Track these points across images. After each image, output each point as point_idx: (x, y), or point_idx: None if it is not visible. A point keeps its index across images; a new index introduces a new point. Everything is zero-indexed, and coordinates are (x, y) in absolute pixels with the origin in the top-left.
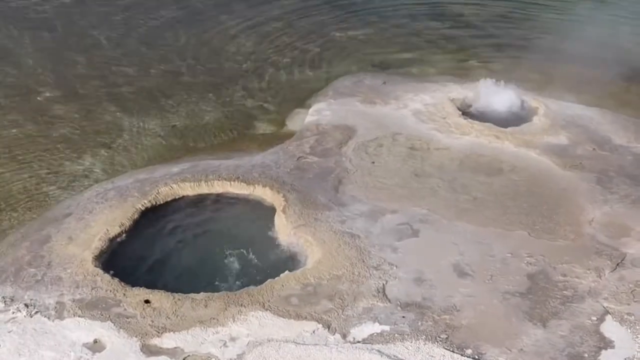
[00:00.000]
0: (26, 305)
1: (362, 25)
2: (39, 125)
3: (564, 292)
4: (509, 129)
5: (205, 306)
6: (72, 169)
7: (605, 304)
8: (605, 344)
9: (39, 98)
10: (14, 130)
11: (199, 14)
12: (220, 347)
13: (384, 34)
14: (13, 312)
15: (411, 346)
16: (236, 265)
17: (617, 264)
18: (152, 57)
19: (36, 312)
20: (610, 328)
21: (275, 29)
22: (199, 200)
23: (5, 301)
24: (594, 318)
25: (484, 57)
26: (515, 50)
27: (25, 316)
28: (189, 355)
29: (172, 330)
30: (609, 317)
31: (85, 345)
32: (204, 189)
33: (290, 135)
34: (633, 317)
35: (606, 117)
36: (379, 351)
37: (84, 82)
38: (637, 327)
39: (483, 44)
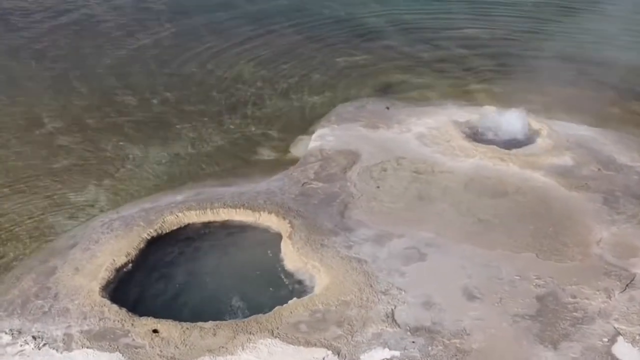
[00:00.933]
0: (34, 338)
1: (363, 50)
2: (43, 156)
3: (574, 313)
4: (513, 151)
5: (214, 335)
6: (76, 199)
7: (616, 325)
8: None
9: (44, 128)
10: (19, 163)
11: (197, 41)
12: None
13: (384, 58)
14: (21, 345)
15: None
16: (243, 292)
17: (627, 285)
18: (153, 86)
19: (44, 344)
20: (622, 349)
21: (274, 55)
22: (205, 228)
23: (12, 334)
24: (605, 339)
25: (485, 79)
26: (517, 72)
27: (33, 348)
28: None
29: None
30: (620, 339)
31: None
32: (209, 216)
33: (294, 161)
34: None
35: (609, 137)
36: None
37: (87, 112)
38: None
39: (484, 66)
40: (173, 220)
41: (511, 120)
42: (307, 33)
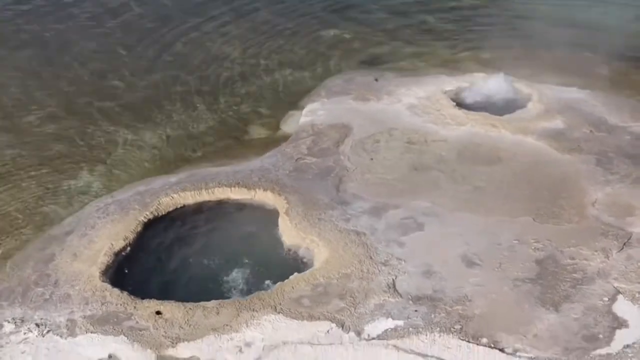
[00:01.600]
0: (37, 325)
1: (347, 23)
2: (33, 144)
3: (574, 274)
4: (505, 117)
5: (218, 313)
6: (70, 186)
7: (616, 284)
8: (619, 323)
9: (32, 116)
10: (8, 152)
11: (181, 22)
12: (236, 354)
13: (370, 30)
14: (25, 333)
15: (426, 339)
16: (243, 270)
17: (624, 244)
18: (139, 69)
19: (48, 331)
20: (622, 308)
21: (258, 32)
22: (201, 209)
23: (15, 322)
24: (606, 299)
25: (472, 47)
26: (505, 38)
27: (37, 336)
28: None
29: (186, 340)
30: (620, 297)
31: None
32: (204, 196)
33: (286, 137)
34: None
35: (599, 99)
36: (395, 346)
37: (73, 98)
38: None
39: (471, 33)
40: (168, 201)
41: (495, 85)
42: (289, 8)
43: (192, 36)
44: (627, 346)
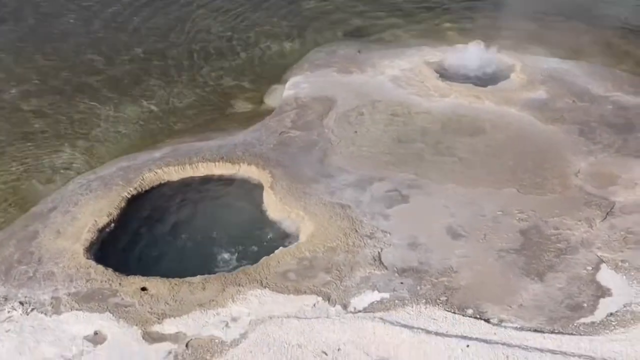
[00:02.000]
0: (21, 303)
1: None
2: (13, 121)
3: (558, 244)
4: (488, 88)
5: (203, 289)
6: (51, 162)
7: (599, 253)
8: (603, 292)
9: (11, 92)
10: None
11: None
12: (223, 329)
13: (352, 1)
14: (8, 311)
15: (412, 311)
16: (229, 245)
17: (607, 213)
18: (119, 44)
19: (32, 309)
20: (606, 276)
21: (239, 4)
22: (186, 184)
23: None
24: (590, 268)
25: (455, 17)
26: (487, 8)
27: (21, 314)
28: (191, 339)
29: (172, 316)
30: (604, 266)
31: (86, 338)
32: (188, 172)
33: (269, 111)
34: (627, 263)
35: (582, 69)
36: (381, 319)
37: (53, 74)
38: (632, 274)
39: (454, 3)
40: (152, 177)
41: (478, 56)
42: None
43: (172, 9)
44: (611, 314)
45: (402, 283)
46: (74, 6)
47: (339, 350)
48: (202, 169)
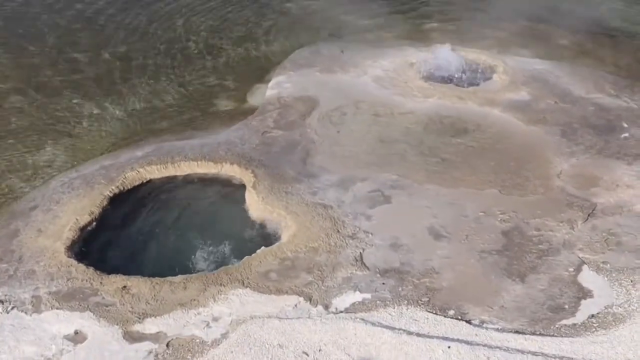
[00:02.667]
0: (1, 302)
1: None
2: None
3: (539, 246)
4: (471, 89)
5: (185, 288)
6: (33, 160)
7: (581, 255)
8: (584, 293)
9: None
10: None
11: None
12: (204, 328)
13: (335, 1)
14: None
15: (394, 312)
16: (210, 245)
17: (589, 214)
18: (102, 42)
19: (12, 308)
20: (587, 278)
21: (222, 4)
22: (167, 183)
23: None
24: (571, 269)
25: (438, 19)
26: (469, 9)
27: (1, 312)
28: (172, 339)
29: (153, 315)
30: (585, 268)
31: (66, 337)
32: (171, 170)
33: (252, 110)
34: (609, 265)
35: (564, 70)
36: (362, 319)
37: (36, 71)
38: (614, 275)
39: (437, 4)
40: (134, 176)
41: (460, 57)
42: None
43: (155, 8)
44: (592, 316)
45: (383, 284)
46: (56, 6)
47: (320, 350)
48: (185, 168)
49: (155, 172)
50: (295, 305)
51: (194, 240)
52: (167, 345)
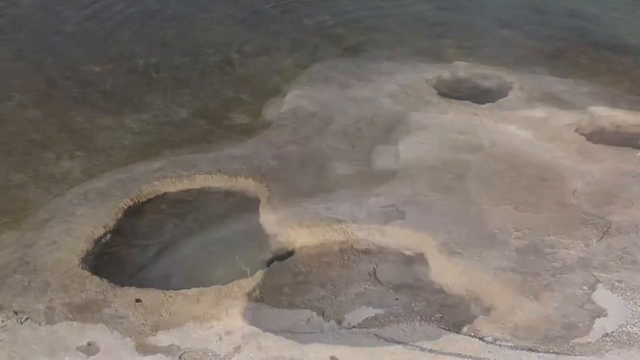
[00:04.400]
0: (15, 313)
1: (329, 10)
2: (12, 131)
3: (554, 263)
4: (486, 105)
5: (198, 301)
6: (49, 172)
7: (595, 273)
8: (599, 312)
9: (9, 102)
10: None
11: (163, 8)
12: (217, 342)
13: (353, 17)
14: (3, 320)
15: (407, 327)
16: (223, 258)
17: (604, 233)
18: (119, 55)
19: (26, 319)
20: (602, 296)
21: (241, 19)
22: (182, 196)
23: None
24: (586, 287)
25: (454, 35)
26: (488, 26)
27: (15, 323)
28: (185, 352)
29: (166, 328)
30: (600, 286)
31: (79, 348)
32: (185, 184)
33: (268, 124)
34: (623, 284)
35: (581, 88)
36: (375, 335)
37: (53, 84)
38: (629, 294)
39: (453, 22)
40: (149, 189)
41: (477, 74)
42: None
43: (174, 22)
44: (606, 335)
45: (397, 299)
46: (75, 18)
47: None
48: (199, 182)
49: (170, 185)
50: (308, 320)
51: (207, 253)
52: (180, 358)
